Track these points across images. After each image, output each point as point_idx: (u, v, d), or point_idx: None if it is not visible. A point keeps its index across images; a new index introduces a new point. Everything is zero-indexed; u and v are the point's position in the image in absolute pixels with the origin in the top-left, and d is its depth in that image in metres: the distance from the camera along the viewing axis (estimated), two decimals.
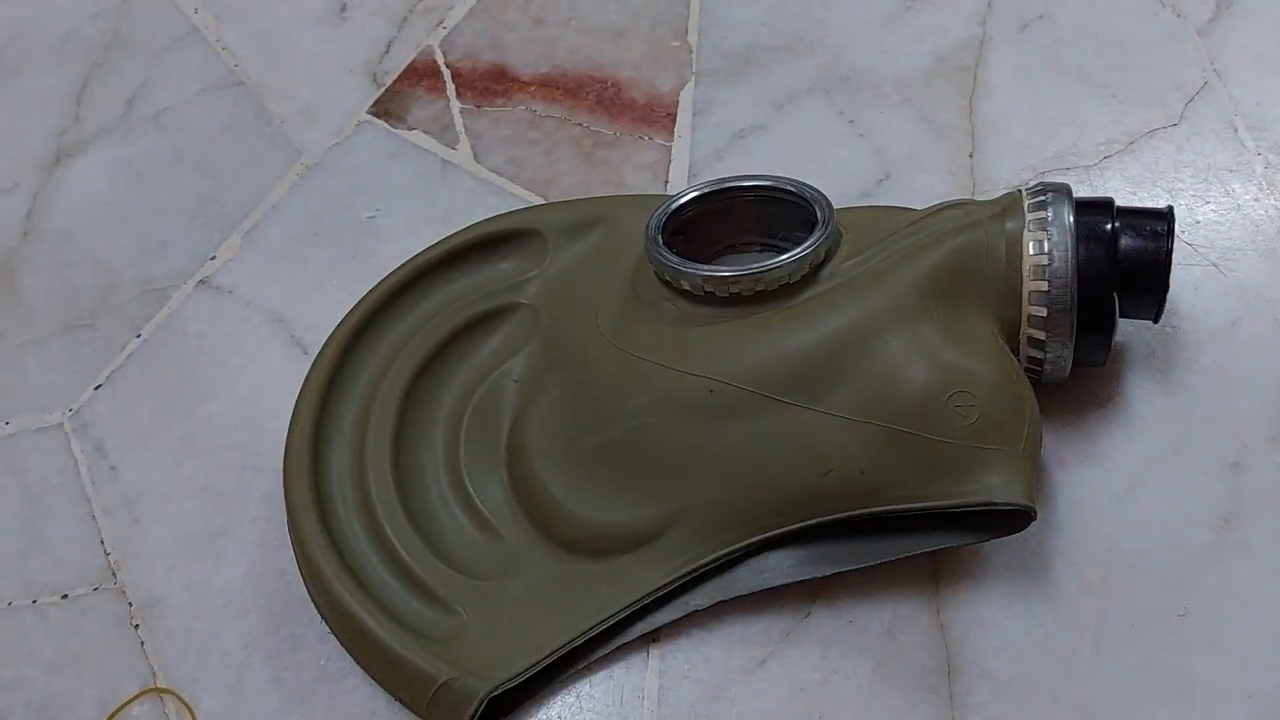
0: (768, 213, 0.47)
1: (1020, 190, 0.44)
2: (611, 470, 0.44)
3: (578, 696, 0.42)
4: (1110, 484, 0.44)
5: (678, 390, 0.43)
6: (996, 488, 0.39)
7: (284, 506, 0.45)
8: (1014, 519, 0.40)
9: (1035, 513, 0.39)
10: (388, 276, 0.50)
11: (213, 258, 0.55)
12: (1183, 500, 0.43)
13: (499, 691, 0.40)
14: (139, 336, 0.53)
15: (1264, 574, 0.41)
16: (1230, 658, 0.40)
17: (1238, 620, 0.41)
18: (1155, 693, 0.40)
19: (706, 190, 0.47)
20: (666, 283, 0.44)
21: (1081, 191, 0.43)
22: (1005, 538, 0.41)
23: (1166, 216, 0.43)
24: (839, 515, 0.41)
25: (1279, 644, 0.40)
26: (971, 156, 0.53)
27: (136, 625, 0.46)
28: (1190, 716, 0.39)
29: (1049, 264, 0.41)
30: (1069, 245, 0.41)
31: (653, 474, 0.43)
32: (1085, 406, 0.46)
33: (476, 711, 0.40)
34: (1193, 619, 0.41)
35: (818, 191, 0.45)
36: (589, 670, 0.43)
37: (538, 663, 0.41)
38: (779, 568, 0.43)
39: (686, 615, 0.43)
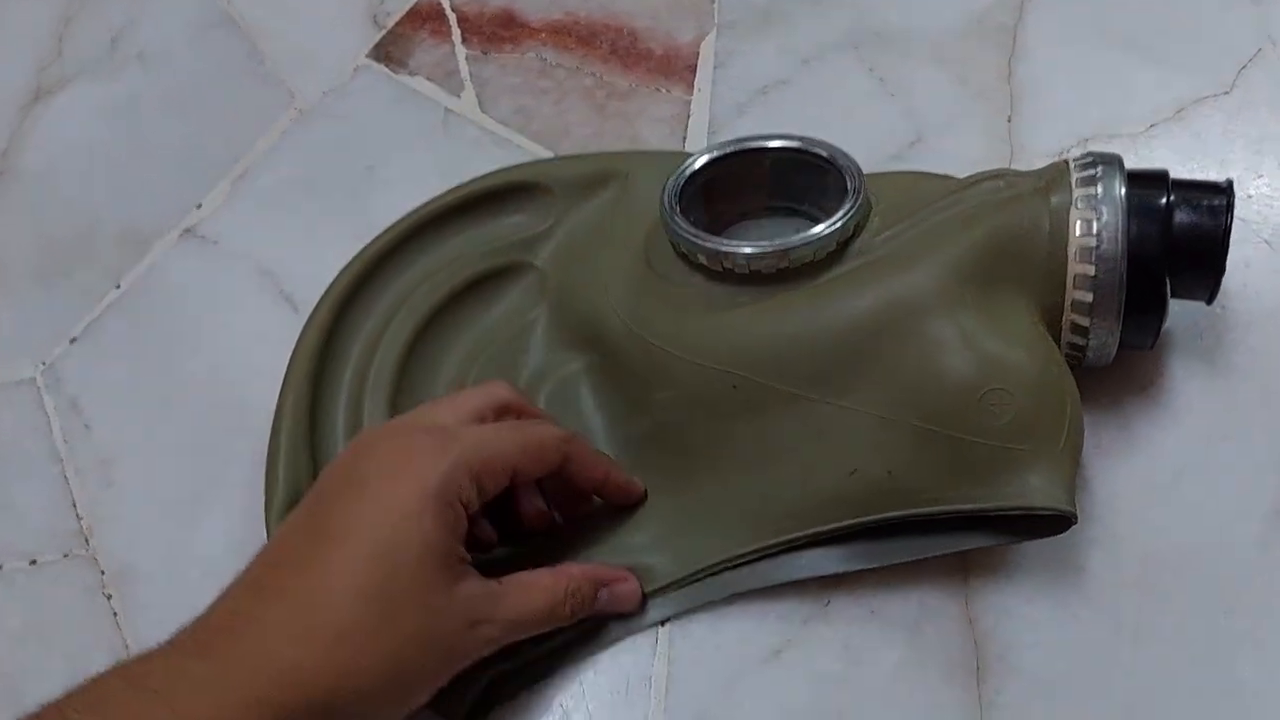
0: (793, 177, 0.44)
1: (1067, 161, 0.41)
2: (636, 463, 0.42)
3: (581, 684, 0.40)
4: (1152, 473, 0.41)
5: (702, 385, 0.40)
6: (1035, 491, 0.37)
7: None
8: (1052, 522, 0.38)
9: (1076, 517, 0.37)
10: (386, 230, 0.48)
11: (198, 206, 0.53)
12: (1230, 491, 0.41)
13: (500, 675, 0.38)
14: (118, 288, 0.51)
15: None
16: (1279, 660, 0.37)
17: None
18: (1197, 696, 0.37)
19: (727, 151, 0.44)
20: (683, 255, 0.42)
21: (1126, 163, 0.40)
22: None
23: (1226, 191, 0.40)
24: (865, 520, 0.38)
25: None
26: (1009, 121, 0.50)
27: (109, 595, 0.44)
28: None
29: (1097, 246, 0.38)
30: (1119, 225, 0.38)
31: (673, 469, 0.41)
32: (1126, 390, 0.43)
33: (478, 695, 0.38)
34: (1239, 618, 0.38)
35: (848, 157, 0.42)
36: (593, 656, 0.40)
37: (540, 642, 0.38)
38: (797, 563, 0.40)
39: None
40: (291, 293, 0.50)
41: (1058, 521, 0.37)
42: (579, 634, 0.40)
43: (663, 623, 0.41)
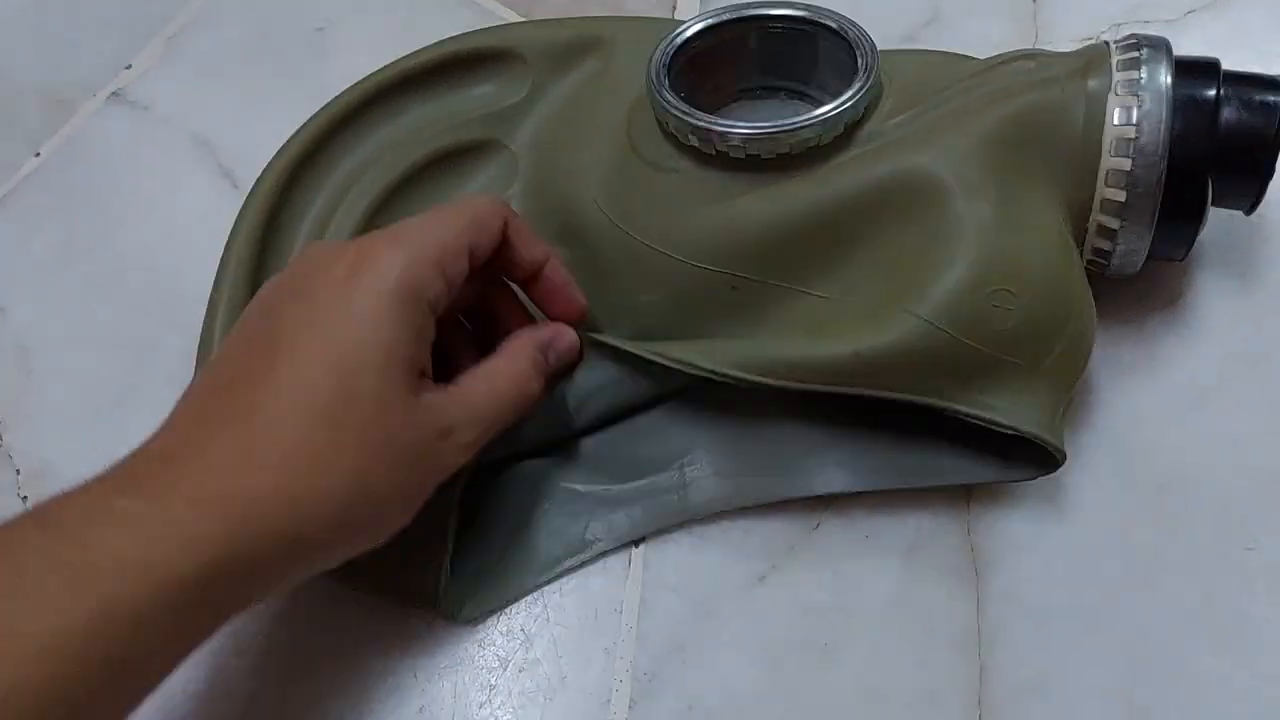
0: (796, 52, 0.40)
1: (1108, 43, 0.36)
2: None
3: (545, 607, 0.37)
4: (1174, 395, 0.38)
5: (694, 287, 0.37)
6: (1007, 409, 0.34)
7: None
8: (1046, 458, 0.34)
9: (1061, 453, 0.34)
10: (338, 97, 0.43)
11: (128, 67, 0.49)
12: (1256, 417, 0.38)
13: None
14: (37, 155, 0.47)
15: None
16: None
17: None
18: (1211, 636, 0.35)
19: (724, 19, 0.39)
20: (670, 136, 0.37)
21: None
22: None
23: None
24: (833, 388, 0.34)
25: None
26: (1035, 1, 0.45)
27: (24, 496, 0.40)
28: (1252, 666, 0.34)
29: (1136, 137, 0.34)
30: (1163, 116, 0.34)
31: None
32: (1148, 304, 0.40)
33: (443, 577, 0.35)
34: (1261, 554, 0.36)
35: (859, 29, 0.38)
36: (560, 578, 0.37)
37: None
38: (784, 480, 0.37)
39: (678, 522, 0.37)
40: (230, 167, 0.46)
41: (1050, 457, 0.34)
42: (564, 550, 0.37)
43: (635, 544, 0.37)
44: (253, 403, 0.28)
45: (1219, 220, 0.40)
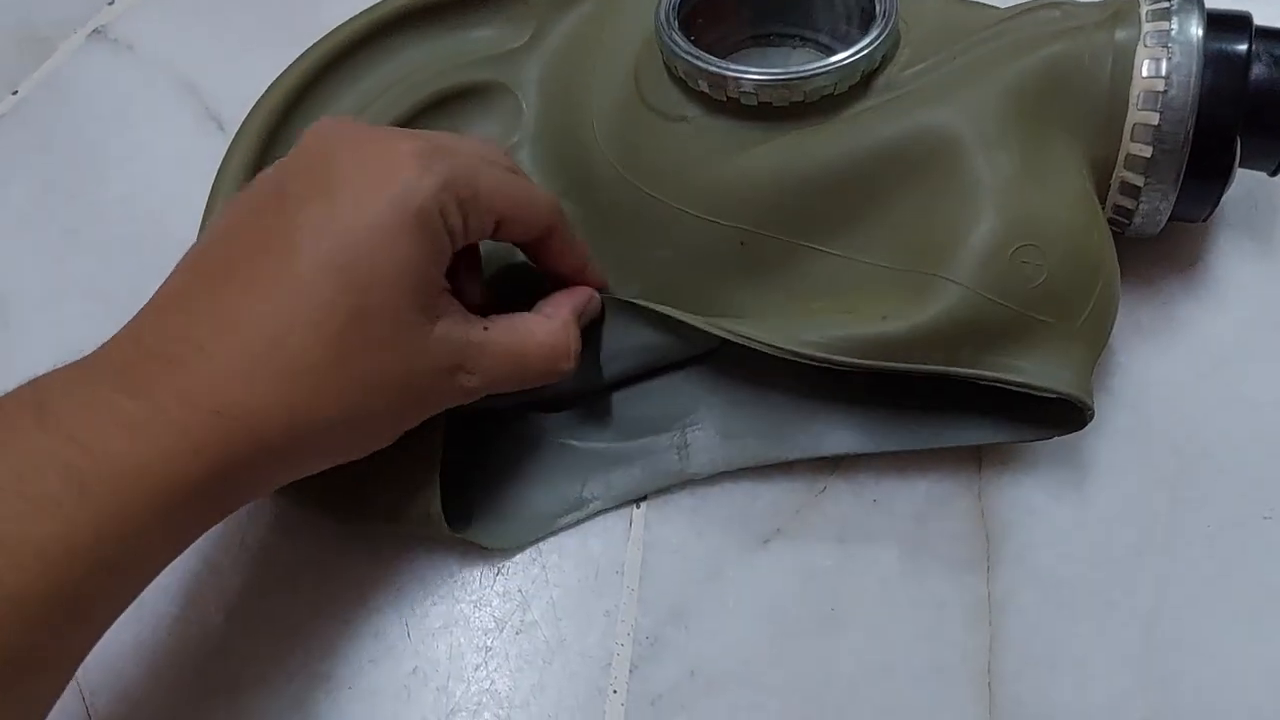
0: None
1: None
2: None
3: (544, 568, 0.35)
4: (1192, 359, 0.37)
5: (705, 243, 0.35)
6: (1038, 370, 0.32)
7: None
8: (1070, 413, 0.33)
9: (1089, 407, 0.33)
10: (331, 34, 0.41)
11: (110, 3, 0.48)
12: (1275, 383, 0.37)
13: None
14: (14, 94, 0.46)
15: None
16: None
17: None
18: (1230, 607, 0.34)
19: None
20: (679, 81, 0.36)
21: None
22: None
23: None
24: (855, 360, 0.33)
25: None
26: None
27: None
28: (1270, 636, 0.33)
29: (1165, 90, 0.33)
30: (1193, 69, 0.33)
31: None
32: (1169, 266, 0.39)
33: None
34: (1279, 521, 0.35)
35: None
36: (559, 536, 0.36)
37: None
38: (793, 440, 0.36)
39: (681, 482, 0.36)
40: (218, 110, 0.44)
41: (1077, 414, 0.33)
42: (560, 507, 0.36)
43: (636, 504, 0.36)
44: (261, 309, 0.28)
45: (1241, 181, 0.38)
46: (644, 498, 0.36)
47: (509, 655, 0.34)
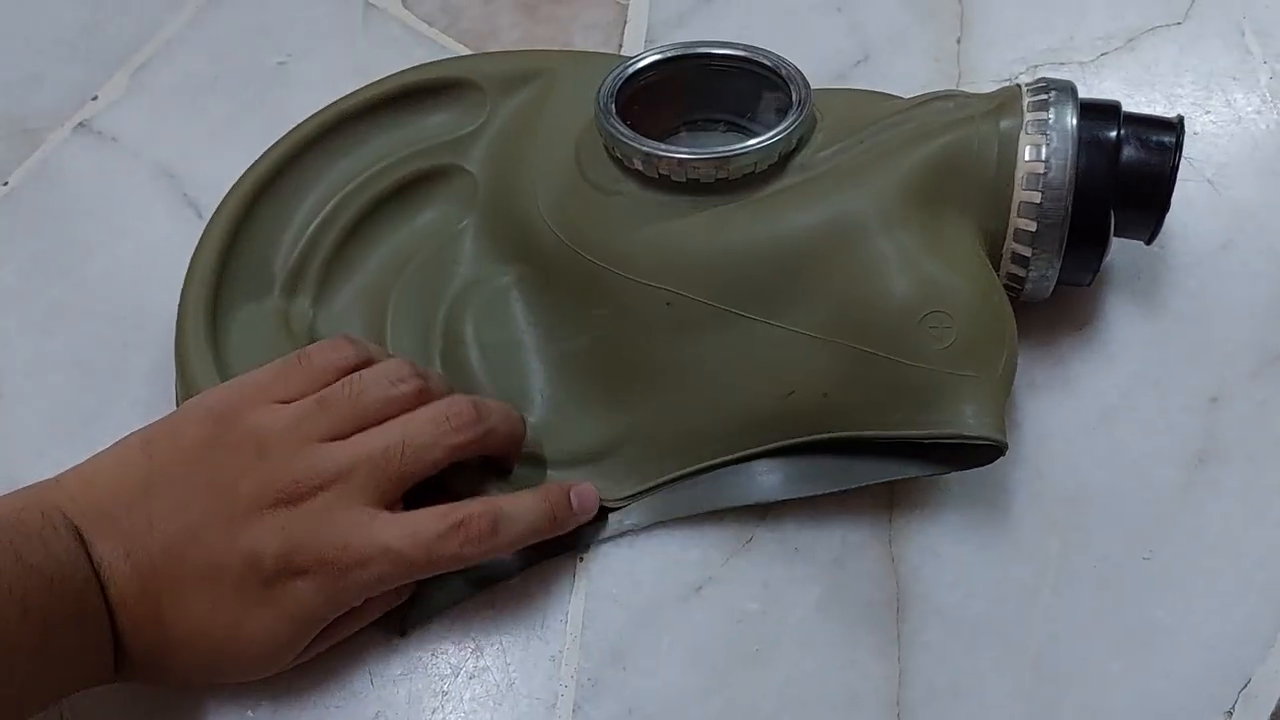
0: (736, 88, 0.42)
1: (1020, 85, 0.39)
2: (571, 380, 0.41)
3: (495, 615, 0.39)
4: (1081, 414, 0.41)
5: (636, 303, 0.39)
6: (968, 419, 0.36)
7: (173, 385, 0.41)
8: (982, 451, 0.37)
9: (1006, 447, 0.36)
10: (301, 125, 0.44)
11: (94, 98, 0.50)
12: (1156, 435, 0.40)
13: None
14: (5, 184, 0.48)
15: (1235, 517, 0.39)
16: (1194, 605, 0.38)
17: (1204, 566, 0.38)
18: (1114, 638, 0.37)
19: (670, 55, 0.42)
20: (616, 160, 0.39)
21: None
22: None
23: (1175, 127, 0.39)
24: (798, 440, 0.37)
25: (1245, 592, 0.38)
26: (959, 42, 0.48)
27: None
28: (1148, 665, 0.37)
29: (1045, 173, 0.37)
30: (1069, 153, 0.37)
31: (609, 388, 0.40)
32: (1060, 328, 0.42)
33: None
34: (1158, 562, 0.38)
35: (795, 68, 0.40)
36: (507, 588, 0.39)
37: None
38: (722, 490, 0.39)
39: (619, 534, 0.39)
40: (195, 197, 0.47)
41: (987, 451, 0.37)
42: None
43: (579, 557, 0.39)
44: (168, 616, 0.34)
45: (1125, 250, 0.42)
46: (586, 548, 0.40)
47: (464, 698, 0.37)
